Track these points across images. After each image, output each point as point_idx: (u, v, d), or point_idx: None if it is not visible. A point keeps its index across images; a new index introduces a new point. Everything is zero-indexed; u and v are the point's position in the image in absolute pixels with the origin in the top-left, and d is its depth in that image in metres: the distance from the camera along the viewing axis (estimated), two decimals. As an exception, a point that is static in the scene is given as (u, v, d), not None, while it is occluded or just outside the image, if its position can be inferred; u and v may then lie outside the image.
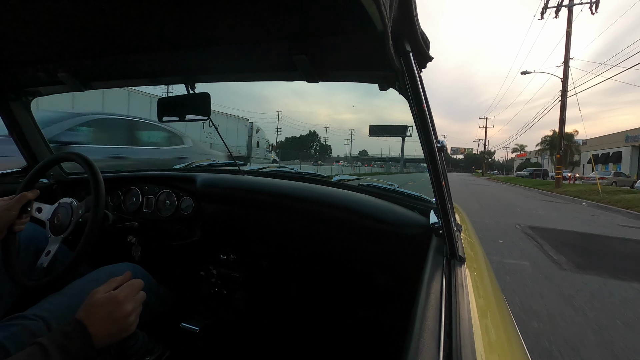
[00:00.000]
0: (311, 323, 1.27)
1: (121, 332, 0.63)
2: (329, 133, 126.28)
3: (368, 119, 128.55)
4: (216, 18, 0.65)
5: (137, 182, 1.42)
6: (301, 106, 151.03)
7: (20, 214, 0.85)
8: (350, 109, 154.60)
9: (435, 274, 0.64)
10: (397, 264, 1.05)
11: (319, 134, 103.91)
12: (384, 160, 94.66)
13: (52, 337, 0.55)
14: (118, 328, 0.62)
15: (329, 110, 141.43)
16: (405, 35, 0.58)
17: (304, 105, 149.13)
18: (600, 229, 6.53)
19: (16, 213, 0.83)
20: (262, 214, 1.24)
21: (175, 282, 1.40)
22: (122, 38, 0.78)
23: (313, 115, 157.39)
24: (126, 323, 0.64)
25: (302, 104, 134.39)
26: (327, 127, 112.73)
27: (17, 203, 0.84)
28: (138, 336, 0.88)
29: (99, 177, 0.81)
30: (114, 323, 0.62)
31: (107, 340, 0.61)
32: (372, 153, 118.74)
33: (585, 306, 2.68)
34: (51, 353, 0.52)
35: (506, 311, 0.70)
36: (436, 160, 0.69)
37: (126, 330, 0.64)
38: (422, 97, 0.64)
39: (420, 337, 0.43)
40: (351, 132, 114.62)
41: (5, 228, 0.82)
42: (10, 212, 0.82)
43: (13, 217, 0.83)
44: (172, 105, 1.09)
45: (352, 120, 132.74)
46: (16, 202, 0.83)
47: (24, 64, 1.00)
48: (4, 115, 1.27)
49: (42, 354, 0.52)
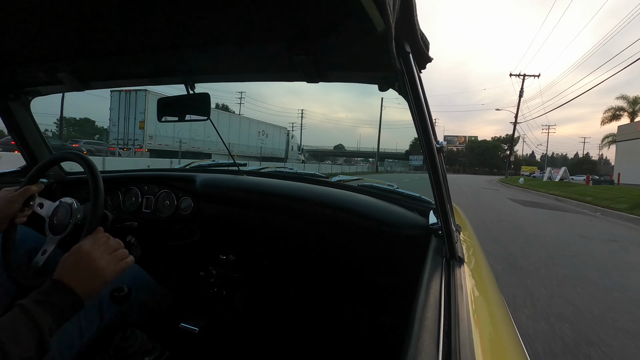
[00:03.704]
0: (310, 323, 1.27)
1: (98, 279, 0.64)
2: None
3: (363, 117, 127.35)
4: (216, 18, 0.65)
5: (136, 182, 1.42)
6: (297, 104, 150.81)
7: (22, 207, 0.85)
8: (345, 108, 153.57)
9: (435, 274, 0.64)
10: (396, 265, 1.05)
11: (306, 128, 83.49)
12: (348, 155, 78.63)
13: (30, 297, 0.56)
14: (93, 276, 0.63)
15: (324, 109, 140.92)
16: (405, 36, 0.58)
17: (299, 104, 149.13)
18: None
19: (19, 206, 0.83)
20: (261, 215, 1.24)
21: (174, 283, 1.40)
22: (121, 38, 0.78)
23: (308, 114, 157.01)
24: (98, 269, 0.64)
25: (298, 103, 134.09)
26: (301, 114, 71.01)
27: (21, 196, 0.83)
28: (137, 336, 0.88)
29: (98, 177, 0.81)
30: (86, 272, 0.63)
31: (90, 292, 0.62)
32: (350, 147, 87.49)
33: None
34: (30, 308, 0.54)
35: (505, 312, 0.70)
36: (435, 161, 0.69)
37: (103, 276, 0.64)
38: (422, 98, 0.64)
39: (419, 337, 0.43)
40: (301, 113, 69.68)
41: (7, 220, 0.82)
42: (13, 204, 0.82)
43: (16, 210, 0.83)
44: (172, 105, 1.09)
45: (348, 119, 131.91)
46: (20, 195, 0.83)
47: (24, 64, 1.00)
48: (3, 115, 1.27)
49: (22, 312, 0.53)
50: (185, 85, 1.01)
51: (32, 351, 0.52)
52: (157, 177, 1.43)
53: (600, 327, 2.40)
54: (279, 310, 1.34)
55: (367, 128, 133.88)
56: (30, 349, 0.52)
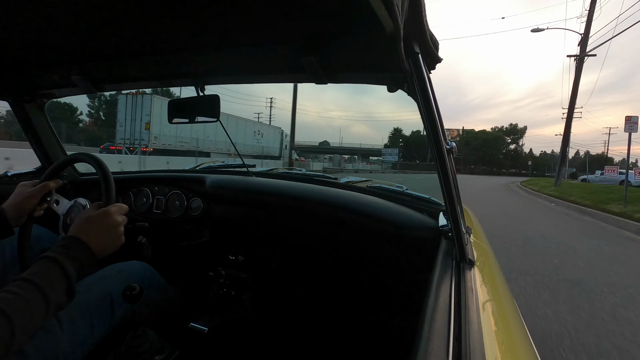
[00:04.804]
0: (319, 325, 1.27)
1: (113, 242, 0.71)
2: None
3: (356, 116, 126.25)
4: (226, 21, 0.65)
5: (147, 183, 1.44)
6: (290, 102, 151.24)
7: (40, 202, 0.89)
8: (339, 106, 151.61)
9: (444, 277, 0.63)
10: (405, 267, 1.05)
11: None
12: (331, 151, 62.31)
13: (53, 250, 0.61)
14: (111, 238, 0.70)
15: (318, 108, 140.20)
16: (415, 36, 0.57)
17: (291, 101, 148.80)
18: None
19: (37, 201, 0.87)
20: (270, 216, 1.24)
21: (184, 282, 1.41)
22: (133, 41, 0.79)
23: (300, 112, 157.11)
24: (117, 233, 0.72)
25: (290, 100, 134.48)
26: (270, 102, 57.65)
27: (39, 192, 0.88)
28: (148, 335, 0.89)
29: (110, 177, 0.83)
30: (108, 233, 0.70)
31: (103, 251, 0.68)
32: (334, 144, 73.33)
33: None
34: (59, 259, 0.59)
35: (517, 316, 0.69)
36: (445, 162, 0.68)
37: (118, 239, 0.72)
38: (432, 99, 0.63)
39: (429, 340, 0.43)
40: (271, 101, 57.77)
41: (25, 215, 0.86)
42: (32, 199, 0.87)
43: (34, 205, 0.87)
44: (182, 107, 1.10)
45: (341, 117, 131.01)
46: (38, 191, 0.88)
47: (39, 67, 1.02)
48: (19, 117, 1.31)
49: (52, 262, 0.59)
50: (196, 87, 1.02)
51: (63, 297, 0.58)
52: (168, 178, 1.44)
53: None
54: (288, 311, 1.34)
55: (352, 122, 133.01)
56: (62, 295, 0.58)
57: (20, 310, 0.51)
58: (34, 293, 0.53)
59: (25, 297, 0.52)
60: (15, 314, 0.50)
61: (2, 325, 0.48)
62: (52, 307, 0.56)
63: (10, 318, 0.49)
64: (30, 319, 0.52)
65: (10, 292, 0.52)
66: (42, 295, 0.54)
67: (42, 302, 0.54)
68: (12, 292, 0.52)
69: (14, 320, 0.49)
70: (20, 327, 0.50)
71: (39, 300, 0.54)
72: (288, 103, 26.41)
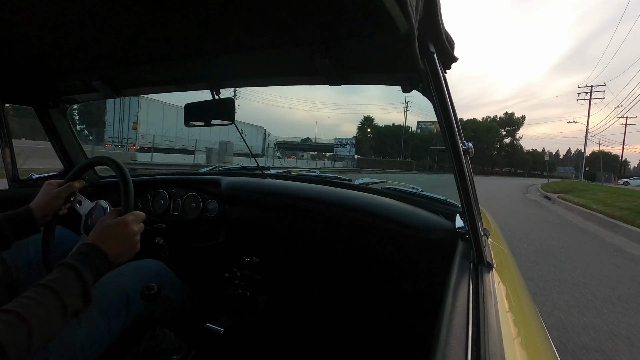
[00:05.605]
0: (334, 327, 1.27)
1: (129, 250, 0.72)
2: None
3: (346, 116, 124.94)
4: (240, 25, 0.66)
5: (164, 186, 1.47)
6: (279, 101, 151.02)
7: (65, 201, 0.93)
8: (329, 105, 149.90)
9: (462, 279, 0.62)
10: (421, 269, 1.03)
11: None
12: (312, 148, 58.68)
13: (72, 257, 0.64)
14: (127, 247, 0.72)
15: (308, 106, 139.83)
16: (429, 36, 0.57)
17: (282, 101, 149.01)
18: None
19: (62, 201, 0.92)
20: (285, 217, 1.24)
21: (200, 283, 1.43)
22: (151, 47, 0.81)
23: (291, 111, 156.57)
24: (133, 242, 0.73)
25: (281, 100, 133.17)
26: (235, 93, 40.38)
27: (65, 192, 0.92)
28: (166, 335, 0.91)
29: (129, 180, 0.85)
30: (124, 242, 0.71)
31: (119, 259, 0.70)
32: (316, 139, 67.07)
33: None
34: (77, 266, 0.61)
35: (538, 320, 0.67)
36: (462, 163, 0.67)
37: (133, 248, 0.73)
38: (447, 99, 0.62)
39: (446, 344, 0.42)
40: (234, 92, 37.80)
41: (51, 214, 0.90)
42: (58, 199, 0.91)
43: (60, 204, 0.92)
44: (198, 111, 1.12)
45: (332, 117, 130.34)
46: (64, 191, 0.92)
47: (62, 74, 1.06)
48: (43, 121, 1.36)
49: (69, 269, 0.61)
50: (211, 91, 1.03)
51: (80, 303, 0.60)
52: (184, 181, 1.47)
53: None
54: (303, 313, 1.34)
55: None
56: (78, 301, 0.60)
57: (38, 315, 0.52)
58: (52, 299, 0.55)
59: (44, 302, 0.54)
60: (34, 318, 0.51)
61: (21, 330, 0.50)
62: (69, 313, 0.58)
63: (28, 323, 0.50)
64: (47, 324, 0.54)
65: (29, 298, 0.54)
66: (59, 301, 0.56)
67: (59, 307, 0.56)
68: (31, 298, 0.54)
69: (32, 325, 0.51)
70: (38, 331, 0.52)
71: (56, 306, 0.56)
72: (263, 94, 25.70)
